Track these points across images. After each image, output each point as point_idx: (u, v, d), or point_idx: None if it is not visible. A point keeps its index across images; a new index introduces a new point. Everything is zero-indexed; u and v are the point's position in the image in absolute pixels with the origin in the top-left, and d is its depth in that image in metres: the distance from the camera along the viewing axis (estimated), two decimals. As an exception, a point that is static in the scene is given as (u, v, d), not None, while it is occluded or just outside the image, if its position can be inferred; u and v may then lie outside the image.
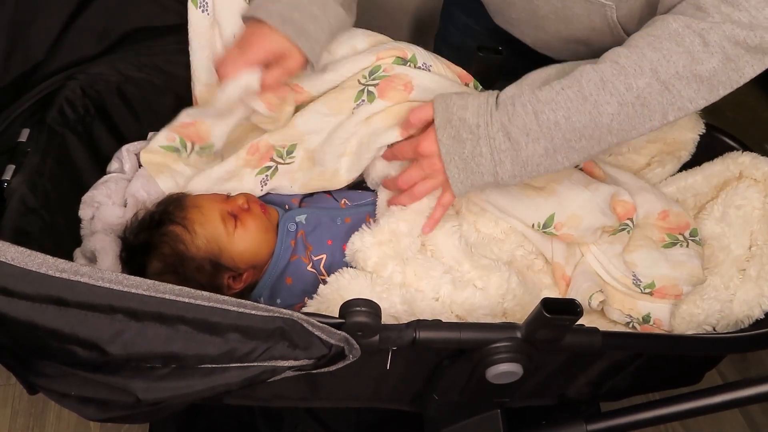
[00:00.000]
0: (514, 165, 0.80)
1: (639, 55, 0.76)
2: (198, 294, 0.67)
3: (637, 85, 0.75)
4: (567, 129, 0.78)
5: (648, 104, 0.76)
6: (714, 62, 0.74)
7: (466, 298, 0.87)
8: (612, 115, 0.76)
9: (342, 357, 0.73)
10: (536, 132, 0.78)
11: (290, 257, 0.95)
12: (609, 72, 0.76)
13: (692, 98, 0.76)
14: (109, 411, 0.74)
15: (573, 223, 0.93)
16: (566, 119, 0.77)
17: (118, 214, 0.99)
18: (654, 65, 0.75)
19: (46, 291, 0.64)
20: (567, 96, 0.77)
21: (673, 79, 0.75)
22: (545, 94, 0.79)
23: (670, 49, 0.74)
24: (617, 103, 0.76)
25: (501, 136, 0.80)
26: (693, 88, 0.75)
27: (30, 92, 0.95)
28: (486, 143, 0.80)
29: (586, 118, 0.77)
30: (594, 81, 0.77)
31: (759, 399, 0.82)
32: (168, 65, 1.02)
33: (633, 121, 0.77)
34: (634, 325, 0.95)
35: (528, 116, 0.79)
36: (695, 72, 0.74)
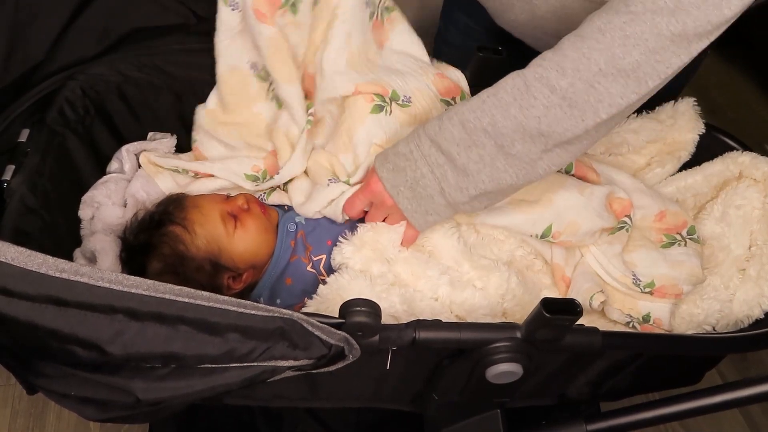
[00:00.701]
0: (456, 176, 0.80)
1: (561, 56, 0.75)
2: (198, 294, 0.67)
3: (559, 85, 0.75)
4: (496, 135, 0.77)
5: (575, 104, 0.75)
6: (636, 55, 0.72)
7: (465, 299, 0.87)
8: (539, 117, 0.76)
9: (342, 357, 0.73)
10: (466, 140, 0.79)
11: (290, 257, 0.95)
12: (531, 76, 0.76)
13: (622, 93, 0.74)
14: (108, 411, 0.74)
15: (571, 231, 0.93)
16: (492, 125, 0.77)
17: (117, 214, 0.99)
18: (575, 64, 0.74)
19: (46, 291, 0.64)
20: (491, 103, 0.77)
21: (597, 76, 0.74)
22: (470, 104, 0.79)
23: (591, 46, 0.73)
24: (542, 105, 0.75)
25: (434, 151, 0.80)
26: (620, 84, 0.74)
27: (30, 92, 0.95)
28: (423, 163, 0.81)
29: (512, 123, 0.77)
30: (518, 86, 0.76)
31: (759, 399, 0.82)
32: (168, 65, 1.02)
33: (563, 122, 0.76)
34: (635, 324, 0.95)
35: (455, 127, 0.79)
36: (618, 67, 0.73)
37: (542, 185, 0.95)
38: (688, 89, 1.16)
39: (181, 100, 1.06)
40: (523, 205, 0.94)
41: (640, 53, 0.72)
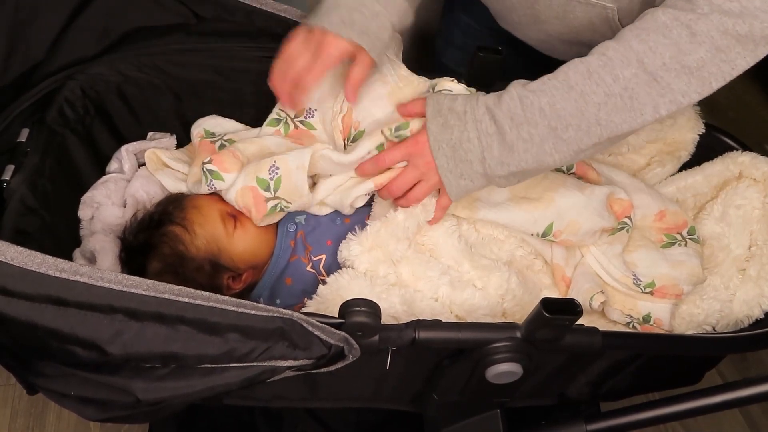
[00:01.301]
0: (501, 150, 0.80)
1: (626, 47, 0.75)
2: (197, 294, 0.67)
3: (623, 75, 0.75)
4: (552, 116, 0.77)
5: (636, 96, 0.75)
6: (702, 52, 0.72)
7: (465, 299, 0.87)
8: (598, 105, 0.76)
9: (342, 357, 0.73)
10: (521, 117, 0.78)
11: (290, 258, 0.95)
12: (595, 63, 0.76)
13: (684, 91, 0.74)
14: (108, 411, 0.74)
15: (572, 230, 0.93)
16: (551, 106, 0.77)
17: (117, 214, 0.99)
18: (640, 56, 0.74)
19: (46, 291, 0.64)
20: (552, 84, 0.78)
21: (661, 70, 0.74)
22: (533, 84, 0.79)
23: (657, 40, 0.74)
24: (603, 93, 0.75)
25: (487, 119, 0.80)
26: (683, 81, 0.74)
27: (30, 92, 0.95)
28: (473, 127, 0.80)
29: (572, 106, 0.76)
30: (580, 71, 0.77)
31: (759, 399, 0.82)
32: (168, 65, 1.02)
33: (622, 113, 0.76)
34: (635, 325, 0.95)
35: (513, 101, 0.79)
36: (683, 63, 0.73)
37: (543, 184, 0.95)
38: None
39: (181, 100, 1.06)
40: (524, 203, 0.94)
41: (706, 51, 0.72)
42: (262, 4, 0.99)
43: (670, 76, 0.74)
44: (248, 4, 0.99)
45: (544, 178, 0.96)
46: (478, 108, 0.81)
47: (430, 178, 0.86)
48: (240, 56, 1.02)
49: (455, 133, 0.81)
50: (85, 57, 0.97)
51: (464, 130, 0.81)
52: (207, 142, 1.01)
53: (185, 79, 1.03)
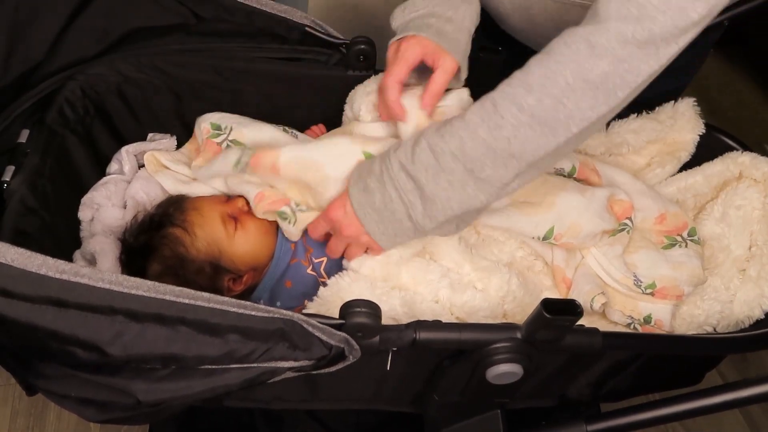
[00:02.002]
0: (424, 204, 0.78)
1: (527, 73, 0.73)
2: (198, 295, 0.67)
3: (527, 103, 0.72)
4: (465, 159, 0.75)
5: (545, 121, 0.72)
6: (603, 65, 0.70)
7: (465, 301, 0.87)
8: (508, 138, 0.73)
9: (342, 358, 0.73)
10: (435, 166, 0.76)
11: (290, 260, 0.95)
12: (499, 96, 0.74)
13: (592, 106, 0.72)
14: (109, 412, 0.74)
15: (573, 233, 0.93)
16: (460, 149, 0.75)
17: (117, 215, 0.99)
18: (542, 80, 0.72)
19: (46, 292, 0.64)
20: (459, 126, 0.75)
21: (565, 91, 0.71)
22: (440, 128, 0.77)
23: (557, 60, 0.72)
24: (510, 125, 0.73)
25: (403, 176, 0.78)
26: (589, 96, 0.71)
27: (30, 92, 0.94)
28: (392, 186, 0.78)
29: (481, 145, 0.74)
30: (486, 107, 0.74)
31: (759, 399, 0.82)
32: (168, 66, 1.02)
33: (534, 141, 0.73)
34: (636, 326, 0.95)
35: (423, 152, 0.77)
36: (586, 79, 0.71)
37: (544, 188, 0.95)
38: (688, 89, 1.16)
39: (181, 101, 1.06)
40: (525, 207, 0.94)
41: (608, 63, 0.70)
42: (262, 5, 0.99)
43: (575, 96, 0.71)
44: (248, 5, 0.99)
45: (545, 182, 0.96)
46: (392, 166, 0.79)
47: (359, 240, 0.83)
48: (240, 57, 1.02)
49: (377, 196, 0.80)
50: (85, 57, 0.97)
51: (385, 192, 0.79)
52: (213, 142, 1.00)
53: (185, 79, 1.03)
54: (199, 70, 1.03)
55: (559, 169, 1.00)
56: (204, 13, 0.99)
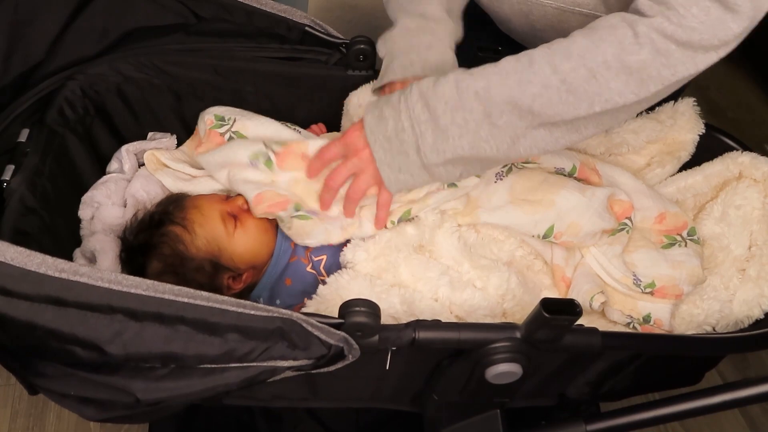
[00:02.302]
0: (435, 136, 0.78)
1: (570, 41, 0.75)
2: (197, 294, 0.67)
3: (562, 68, 0.74)
4: (487, 101, 0.76)
5: (574, 91, 0.74)
6: (644, 54, 0.72)
7: (465, 299, 0.87)
8: (534, 95, 0.75)
9: (341, 357, 0.73)
10: (455, 100, 0.76)
11: (290, 258, 0.95)
12: (538, 54, 0.76)
13: (621, 91, 0.74)
14: (108, 411, 0.74)
15: (573, 231, 0.93)
16: (486, 90, 0.76)
17: (117, 214, 0.99)
18: (582, 51, 0.74)
19: (45, 291, 0.64)
20: (492, 70, 0.77)
21: (601, 67, 0.73)
22: (473, 69, 0.78)
23: (601, 37, 0.74)
24: (540, 83, 0.74)
25: (420, 105, 0.78)
26: (622, 80, 0.73)
27: (30, 92, 0.95)
28: (407, 116, 0.78)
29: (507, 92, 0.75)
30: (522, 60, 0.76)
31: (759, 399, 0.82)
32: (168, 65, 1.02)
33: (556, 106, 0.75)
34: (635, 325, 0.95)
35: (448, 84, 0.77)
36: (624, 62, 0.73)
37: (544, 186, 0.95)
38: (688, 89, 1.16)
39: (181, 100, 1.06)
40: (525, 205, 0.94)
41: (647, 53, 0.72)
42: (261, 4, 1.00)
43: (609, 75, 0.73)
44: (248, 4, 0.99)
45: (545, 181, 0.96)
46: (412, 95, 0.79)
47: (366, 170, 0.84)
48: (240, 56, 1.02)
49: (390, 124, 0.79)
50: (84, 57, 0.97)
51: (398, 120, 0.79)
52: (216, 133, 1.00)
53: (185, 78, 1.03)
54: (198, 70, 1.03)
55: (559, 169, 1.00)
56: (204, 12, 0.99)
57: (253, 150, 0.93)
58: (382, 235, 0.88)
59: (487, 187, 0.96)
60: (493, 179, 0.96)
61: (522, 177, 0.97)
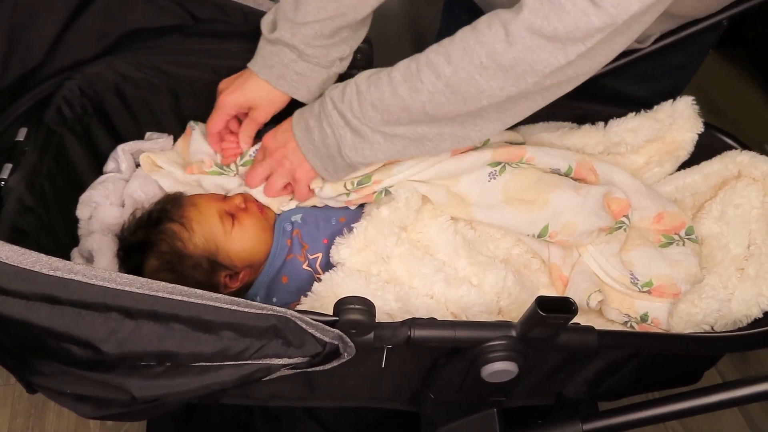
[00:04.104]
0: (353, 135, 0.85)
1: (451, 44, 0.79)
2: (191, 292, 0.67)
3: (444, 73, 0.78)
4: (383, 110, 0.82)
5: (458, 91, 0.79)
6: (515, 52, 0.75)
7: (460, 297, 0.87)
8: (424, 102, 0.80)
9: (337, 355, 0.73)
10: (358, 109, 0.84)
11: (286, 256, 0.95)
12: (423, 60, 0.80)
13: (502, 87, 0.77)
14: (105, 409, 0.75)
15: (568, 230, 0.93)
16: (381, 101, 0.82)
17: (115, 214, 0.99)
18: (461, 54, 0.77)
19: (40, 289, 0.64)
20: (385, 80, 0.82)
21: (479, 69, 0.77)
22: (374, 77, 0.84)
23: (477, 39, 0.77)
24: (428, 91, 0.79)
25: (335, 113, 0.85)
26: (500, 77, 0.77)
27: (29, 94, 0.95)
28: (327, 123, 0.86)
29: (399, 102, 0.81)
30: (411, 68, 0.81)
31: (758, 398, 0.82)
32: (167, 65, 1.02)
33: (446, 106, 0.80)
34: (632, 324, 0.94)
35: (352, 94, 0.84)
36: (498, 62, 0.76)
37: (538, 186, 0.95)
38: (688, 89, 1.16)
39: (179, 100, 1.06)
40: (519, 205, 0.94)
41: (518, 51, 0.74)
42: (258, 5, 1.00)
43: (488, 74, 0.77)
44: (245, 5, 0.99)
45: (539, 180, 0.96)
46: (326, 104, 0.86)
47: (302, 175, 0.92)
48: (237, 56, 1.02)
49: (316, 133, 0.87)
50: (83, 59, 0.98)
51: (321, 128, 0.87)
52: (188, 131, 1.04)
53: (184, 78, 1.03)
54: (197, 70, 1.03)
55: (554, 169, 1.00)
56: (201, 14, 0.99)
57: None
58: (359, 226, 0.89)
59: (478, 185, 0.96)
60: (486, 178, 0.96)
61: (516, 177, 0.96)
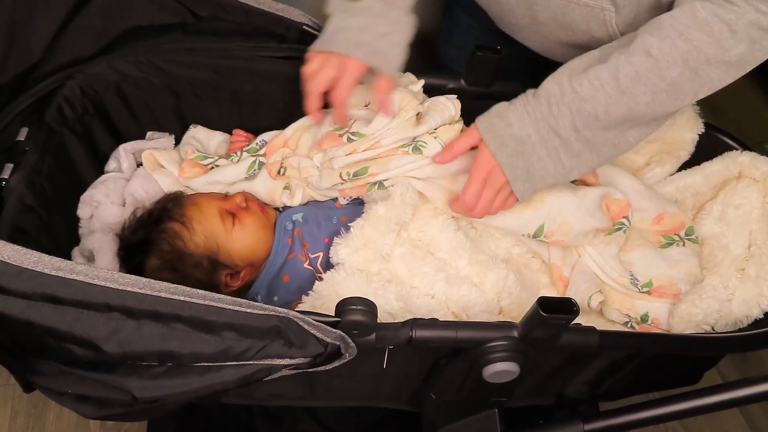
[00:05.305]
0: (569, 157, 0.85)
1: (671, 46, 0.79)
2: (193, 292, 0.67)
3: (670, 75, 0.80)
4: (607, 120, 0.83)
5: (680, 89, 0.81)
6: (741, 48, 0.78)
7: (461, 296, 0.87)
8: (647, 103, 0.82)
9: (338, 356, 0.73)
10: (581, 125, 0.84)
11: (287, 255, 0.95)
12: (644, 66, 0.80)
13: (721, 78, 0.80)
14: (105, 409, 0.75)
15: (563, 231, 0.93)
16: (606, 114, 0.83)
17: (116, 213, 0.99)
18: (685, 56, 0.79)
19: (42, 289, 0.64)
20: (606, 92, 0.82)
21: (703, 65, 0.79)
22: (586, 90, 0.83)
23: (701, 39, 0.78)
24: (651, 92, 0.81)
25: (553, 136, 0.84)
26: (722, 70, 0.80)
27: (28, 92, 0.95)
28: (541, 147, 0.85)
29: (624, 109, 0.82)
30: (630, 75, 0.81)
31: (759, 399, 0.82)
32: (167, 64, 1.02)
33: (665, 104, 0.82)
34: (633, 324, 0.94)
35: (572, 114, 0.83)
36: (724, 59, 0.78)
37: None
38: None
39: (180, 99, 1.06)
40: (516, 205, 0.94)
41: (745, 46, 0.78)
42: (259, 3, 1.00)
43: (710, 69, 0.79)
44: (246, 4, 0.99)
45: None
46: (541, 128, 0.85)
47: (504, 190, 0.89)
48: (238, 55, 1.02)
49: (526, 158, 0.86)
50: (82, 56, 0.97)
51: (533, 152, 0.85)
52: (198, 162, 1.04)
53: (184, 77, 1.03)
54: (197, 69, 1.03)
55: None
56: (201, 11, 0.99)
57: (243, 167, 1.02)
58: (356, 225, 0.89)
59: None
60: None
61: None
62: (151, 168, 1.03)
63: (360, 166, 0.93)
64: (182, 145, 1.07)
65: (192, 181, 1.02)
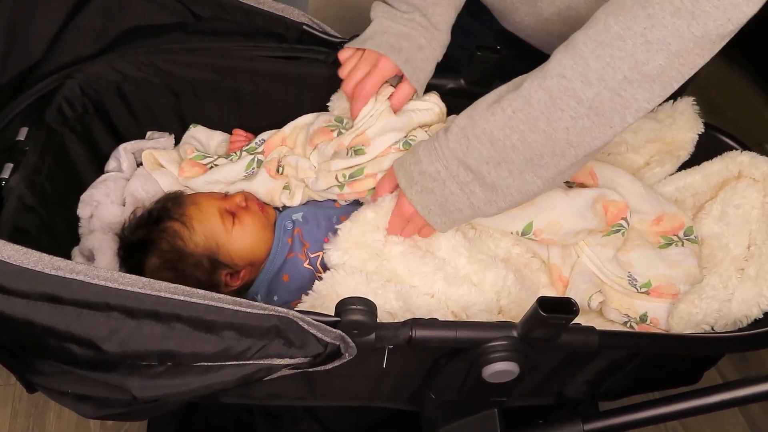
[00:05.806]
0: (485, 192, 0.81)
1: (584, 66, 0.74)
2: (193, 292, 0.67)
3: (585, 96, 0.74)
4: (525, 150, 0.77)
5: (602, 112, 0.75)
6: (660, 60, 0.71)
7: (461, 295, 0.87)
8: (567, 129, 0.76)
9: (338, 355, 0.73)
10: (495, 157, 0.79)
11: (287, 255, 0.95)
12: (556, 88, 0.75)
13: (648, 98, 0.74)
14: (105, 408, 0.75)
15: (552, 229, 0.93)
16: (522, 142, 0.77)
17: (116, 213, 0.99)
18: (600, 74, 0.73)
19: (42, 289, 0.64)
20: (519, 119, 0.77)
21: (623, 83, 0.73)
22: (497, 119, 0.78)
23: (613, 55, 0.72)
24: (569, 117, 0.75)
25: (462, 171, 0.80)
26: (646, 89, 0.73)
27: (28, 92, 0.95)
28: (452, 182, 0.81)
29: (541, 137, 0.76)
30: (543, 100, 0.76)
31: (759, 398, 0.82)
32: (167, 64, 1.02)
33: (591, 131, 0.76)
34: (632, 324, 0.95)
35: (483, 146, 0.79)
36: (643, 73, 0.72)
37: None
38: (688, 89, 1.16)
39: (180, 99, 1.06)
40: None
41: (664, 58, 0.71)
42: (259, 3, 1.00)
43: (632, 88, 0.73)
44: (245, 3, 0.99)
45: None
46: (450, 164, 0.81)
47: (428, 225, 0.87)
48: (238, 55, 1.02)
49: (437, 193, 0.82)
50: (83, 56, 0.97)
51: (444, 188, 0.82)
52: (197, 162, 1.04)
53: (184, 77, 1.03)
54: (197, 69, 1.03)
55: None
56: (202, 11, 0.99)
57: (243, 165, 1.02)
58: (343, 227, 0.89)
59: None
60: None
61: None
62: (151, 167, 1.03)
63: (355, 168, 0.93)
64: (182, 145, 1.08)
65: (192, 180, 1.02)
